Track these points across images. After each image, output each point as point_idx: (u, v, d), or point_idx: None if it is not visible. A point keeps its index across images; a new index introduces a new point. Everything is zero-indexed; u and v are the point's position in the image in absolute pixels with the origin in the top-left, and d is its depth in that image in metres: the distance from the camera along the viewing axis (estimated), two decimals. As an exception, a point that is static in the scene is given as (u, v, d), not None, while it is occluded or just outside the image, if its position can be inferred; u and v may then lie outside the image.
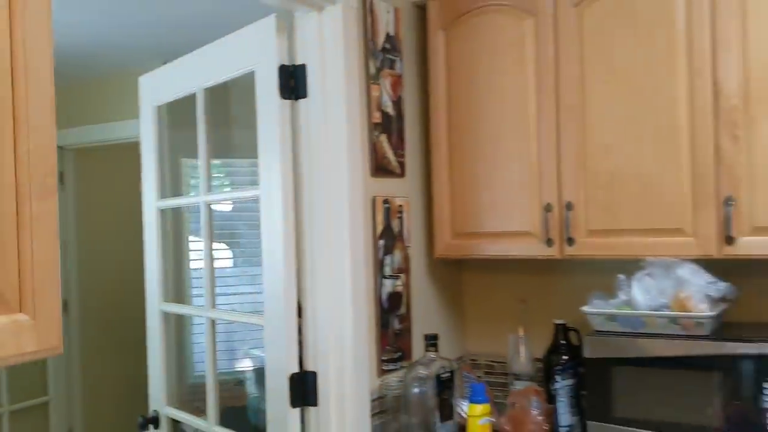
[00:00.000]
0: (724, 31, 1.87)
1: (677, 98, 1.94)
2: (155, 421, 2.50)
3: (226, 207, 3.67)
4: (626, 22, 2.00)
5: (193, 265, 3.16)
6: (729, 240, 1.88)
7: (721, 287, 1.91)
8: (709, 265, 1.95)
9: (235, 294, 3.65)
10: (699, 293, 1.90)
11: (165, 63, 2.50)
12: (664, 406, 1.89)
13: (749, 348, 1.79)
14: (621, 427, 1.95)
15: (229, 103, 3.10)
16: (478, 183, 2.24)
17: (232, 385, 2.98)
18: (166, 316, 2.52)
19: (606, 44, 2.03)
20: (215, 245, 2.75)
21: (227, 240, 3.69)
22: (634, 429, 1.93)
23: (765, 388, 1.78)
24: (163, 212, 2.52)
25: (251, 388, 2.76)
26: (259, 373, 2.36)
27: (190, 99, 2.27)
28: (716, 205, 1.90)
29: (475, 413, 2.02)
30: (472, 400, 2.03)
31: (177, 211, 3.00)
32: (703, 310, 1.88)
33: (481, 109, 2.23)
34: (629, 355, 1.95)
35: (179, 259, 3.11)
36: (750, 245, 1.86)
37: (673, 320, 1.91)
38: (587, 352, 2.01)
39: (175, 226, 2.91)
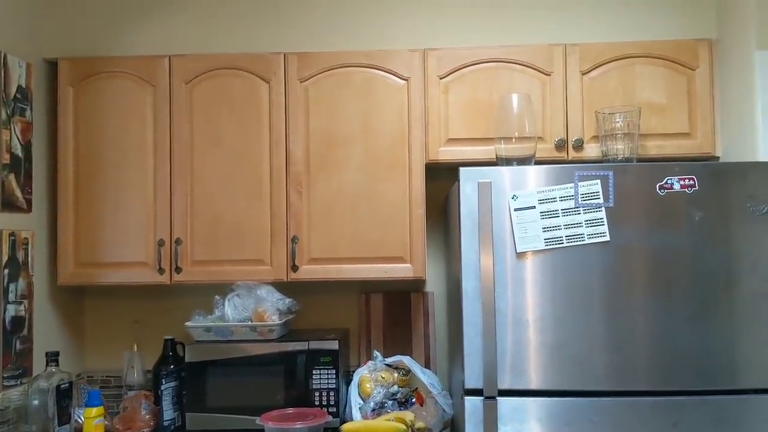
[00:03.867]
0: (294, 118, 2.60)
1: (263, 162, 2.61)
2: None
3: None
4: (226, 101, 2.61)
5: None
6: (294, 268, 2.58)
7: (287, 302, 2.59)
8: (281, 286, 2.63)
9: None
10: (272, 307, 2.56)
11: None
12: (246, 394, 2.49)
13: (302, 345, 2.50)
14: (213, 414, 2.49)
15: None
16: (103, 220, 2.62)
17: None
18: None
19: (211, 116, 2.62)
20: None
21: None
22: (224, 414, 2.49)
23: (314, 374, 2.50)
24: None
25: None
26: None
27: None
28: (287, 242, 2.59)
29: (90, 415, 2.37)
30: (88, 405, 2.39)
31: None
32: (274, 320, 2.54)
33: (107, 158, 2.63)
34: (220, 358, 2.51)
35: None
36: (308, 271, 2.59)
37: (253, 329, 2.53)
38: (187, 358, 2.52)
39: None
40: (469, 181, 2.09)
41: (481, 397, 2.02)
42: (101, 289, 2.92)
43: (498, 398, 2.01)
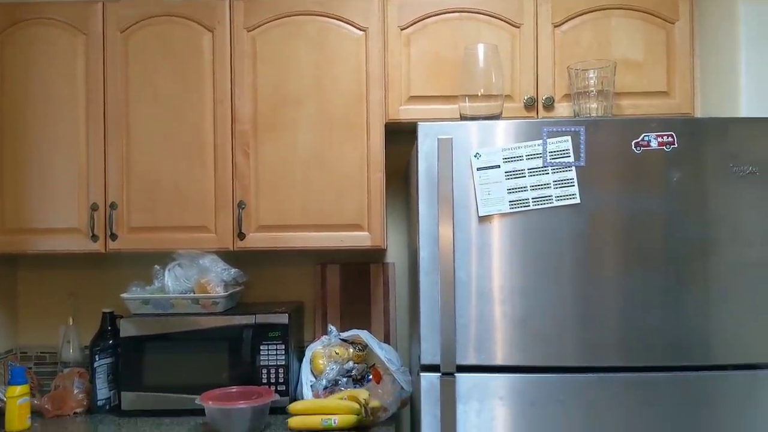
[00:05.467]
0: (240, 71, 2.37)
1: (205, 120, 2.38)
2: None
3: None
4: (165, 52, 2.38)
5: None
6: (241, 236, 2.37)
7: (232, 273, 2.39)
8: (228, 256, 2.42)
9: None
10: (216, 278, 2.35)
11: None
12: (187, 372, 2.29)
13: (248, 319, 2.30)
14: (150, 393, 2.29)
15: None
16: (31, 181, 2.38)
17: None
18: None
19: (149, 69, 2.38)
20: None
21: None
22: (162, 393, 2.29)
23: (261, 350, 2.30)
24: None
25: None
26: None
27: None
28: (232, 208, 2.37)
29: (13, 394, 2.15)
30: (11, 383, 2.17)
31: None
32: (218, 291, 2.33)
33: (35, 114, 2.38)
34: (159, 332, 2.31)
35: None
36: (256, 239, 2.38)
37: (195, 301, 2.33)
38: (122, 333, 2.31)
39: None
40: (428, 137, 1.89)
41: (438, 374, 1.84)
42: (35, 259, 2.69)
43: (457, 374, 1.83)
